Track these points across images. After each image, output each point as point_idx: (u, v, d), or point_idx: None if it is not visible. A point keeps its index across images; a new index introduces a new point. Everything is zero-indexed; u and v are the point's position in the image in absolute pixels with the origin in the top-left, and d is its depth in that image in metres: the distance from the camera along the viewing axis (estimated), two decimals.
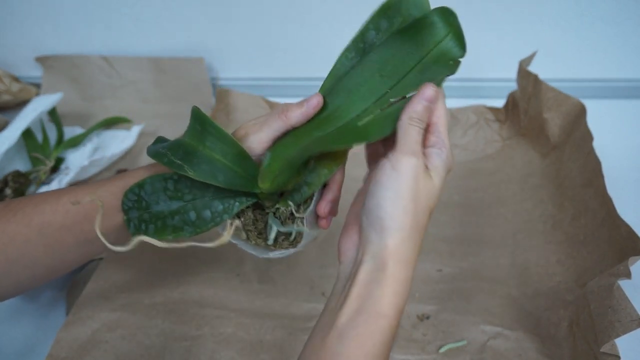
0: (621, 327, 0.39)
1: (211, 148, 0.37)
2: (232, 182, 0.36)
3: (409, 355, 0.47)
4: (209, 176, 0.36)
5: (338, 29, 0.84)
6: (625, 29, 0.80)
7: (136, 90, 0.90)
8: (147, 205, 0.37)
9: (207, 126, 0.38)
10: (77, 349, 0.48)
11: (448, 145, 0.36)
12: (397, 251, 0.32)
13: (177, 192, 0.36)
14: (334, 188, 0.39)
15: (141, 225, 0.37)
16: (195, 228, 0.35)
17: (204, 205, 0.35)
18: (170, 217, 0.36)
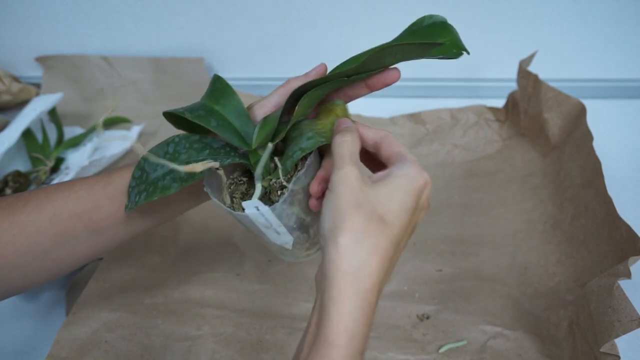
0: (621, 327, 0.39)
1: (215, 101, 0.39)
2: (224, 129, 0.37)
3: (409, 355, 0.47)
4: (203, 119, 0.36)
5: (338, 29, 0.84)
6: (625, 29, 0.80)
7: (136, 90, 0.90)
8: (146, 176, 0.37)
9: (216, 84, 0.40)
10: (77, 349, 0.48)
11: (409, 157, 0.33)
12: (342, 262, 0.29)
13: (175, 153, 0.36)
14: (327, 167, 0.37)
15: (136, 198, 0.36)
16: (181, 182, 0.34)
17: (195, 162, 0.35)
18: (162, 178, 0.36)
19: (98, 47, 0.90)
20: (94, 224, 0.39)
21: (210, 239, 0.62)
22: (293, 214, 0.36)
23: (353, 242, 0.29)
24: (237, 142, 0.37)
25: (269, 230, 0.36)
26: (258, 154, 0.37)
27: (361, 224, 0.30)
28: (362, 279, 0.29)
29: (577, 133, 0.63)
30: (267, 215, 0.34)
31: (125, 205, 0.37)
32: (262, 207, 0.34)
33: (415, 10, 0.81)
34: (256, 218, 0.34)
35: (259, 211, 0.34)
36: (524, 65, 0.70)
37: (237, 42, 0.88)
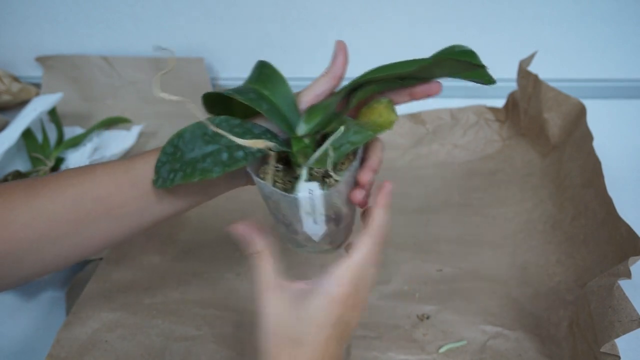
0: (621, 327, 0.39)
1: (263, 86, 0.38)
2: (274, 113, 0.36)
3: (409, 355, 0.47)
4: (254, 102, 0.36)
5: (338, 29, 0.84)
6: (625, 29, 0.80)
7: (136, 90, 0.90)
8: (181, 154, 0.36)
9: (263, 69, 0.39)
10: (77, 349, 0.48)
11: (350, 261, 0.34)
12: None
13: (215, 136, 0.35)
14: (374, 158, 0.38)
15: (169, 176, 0.35)
16: (224, 167, 0.34)
17: (238, 147, 0.34)
18: (202, 160, 0.35)
19: (98, 47, 0.90)
20: (116, 209, 0.39)
21: (210, 239, 0.62)
22: (335, 205, 0.36)
23: None
24: (285, 128, 0.36)
25: (308, 218, 0.36)
26: (303, 142, 0.36)
27: (277, 353, 0.32)
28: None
29: (577, 133, 0.63)
30: (317, 200, 0.34)
31: (153, 181, 0.36)
32: (316, 191, 0.34)
33: (415, 10, 0.81)
34: (304, 203, 0.34)
35: (310, 195, 0.34)
36: (524, 65, 0.70)
37: (237, 42, 0.88)
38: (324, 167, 0.36)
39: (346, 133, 0.35)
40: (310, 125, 0.36)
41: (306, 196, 0.34)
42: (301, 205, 0.34)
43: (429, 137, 0.77)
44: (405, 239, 0.61)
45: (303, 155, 0.36)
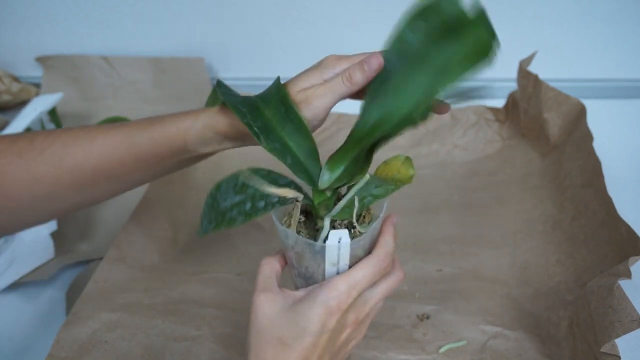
0: (621, 327, 0.39)
1: (288, 135, 0.38)
2: (298, 168, 0.37)
3: (409, 355, 0.47)
4: (278, 153, 0.37)
5: (338, 29, 0.84)
6: (625, 29, 0.80)
7: (136, 90, 0.90)
8: (217, 205, 0.37)
9: (289, 113, 0.39)
10: (77, 349, 0.48)
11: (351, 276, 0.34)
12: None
13: (243, 187, 0.36)
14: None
15: (208, 227, 0.37)
16: (246, 217, 0.35)
17: (260, 197, 0.36)
18: (230, 210, 0.36)
19: (98, 47, 0.90)
20: (117, 176, 0.40)
21: (210, 239, 0.62)
22: (357, 257, 0.36)
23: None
24: (308, 182, 0.37)
25: (332, 268, 0.36)
26: (324, 195, 0.37)
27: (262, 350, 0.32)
28: None
29: (577, 133, 0.63)
30: (343, 249, 0.35)
31: (197, 232, 0.38)
32: (345, 239, 0.34)
33: None
34: (331, 251, 0.35)
35: (338, 244, 0.34)
36: (524, 65, 0.70)
37: (237, 42, 0.88)
38: (346, 218, 0.37)
39: (368, 186, 0.36)
40: (332, 178, 0.37)
41: (334, 244, 0.34)
42: (327, 255, 0.35)
43: (429, 137, 0.77)
44: (405, 239, 0.61)
45: (324, 208, 0.37)
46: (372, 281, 0.35)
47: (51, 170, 0.38)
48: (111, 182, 0.41)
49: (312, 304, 0.33)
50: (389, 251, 0.36)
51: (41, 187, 0.38)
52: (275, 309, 0.33)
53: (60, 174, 0.38)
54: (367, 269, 0.34)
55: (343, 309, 0.33)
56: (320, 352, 0.33)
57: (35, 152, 0.38)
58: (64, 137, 0.39)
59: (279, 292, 0.35)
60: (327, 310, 0.32)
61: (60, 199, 0.39)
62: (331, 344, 0.34)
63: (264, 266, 0.37)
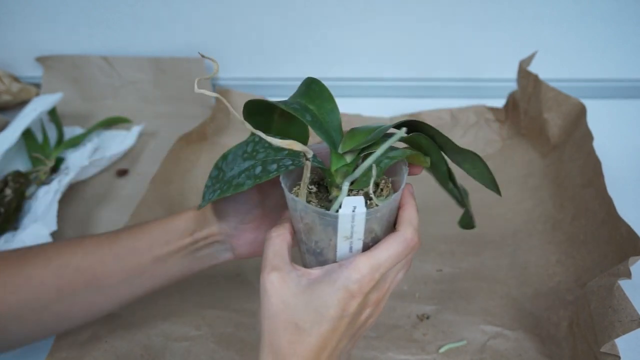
0: (621, 327, 0.39)
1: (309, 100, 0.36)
2: (317, 125, 0.34)
3: (409, 355, 0.47)
4: (298, 112, 0.34)
5: (338, 29, 0.84)
6: (625, 29, 0.80)
7: (136, 90, 0.90)
8: (223, 175, 0.35)
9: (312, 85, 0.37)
10: (77, 349, 0.48)
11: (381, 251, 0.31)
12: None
13: (253, 152, 0.35)
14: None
15: (210, 196, 0.35)
16: (255, 179, 0.33)
17: (272, 161, 0.33)
18: (237, 176, 0.34)
19: (98, 47, 0.90)
20: (96, 280, 0.40)
21: None
22: (374, 231, 0.33)
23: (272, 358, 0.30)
24: (327, 140, 0.34)
25: (344, 243, 0.32)
26: (344, 160, 0.34)
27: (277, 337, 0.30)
28: None
29: (577, 133, 0.63)
30: (358, 220, 0.31)
31: (199, 205, 0.36)
32: (360, 208, 0.30)
33: (415, 11, 0.81)
34: (344, 222, 0.31)
35: (353, 213, 0.31)
36: (524, 65, 0.70)
37: (237, 42, 0.88)
38: (363, 187, 0.34)
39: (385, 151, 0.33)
40: (351, 143, 0.34)
41: (348, 214, 0.30)
42: (340, 226, 0.31)
43: None
44: None
45: (342, 176, 0.34)
46: (396, 262, 0.31)
47: (39, 271, 0.39)
48: (92, 291, 0.40)
49: (331, 287, 0.30)
50: (416, 227, 0.32)
51: (28, 289, 0.38)
52: (290, 290, 0.30)
53: (46, 274, 0.39)
54: (392, 249, 0.31)
55: (365, 292, 0.30)
56: (339, 336, 0.31)
57: (32, 254, 0.40)
58: (59, 242, 0.42)
59: (292, 269, 0.31)
60: (348, 294, 0.30)
61: (42, 306, 0.39)
62: (351, 327, 0.32)
63: (274, 238, 0.32)
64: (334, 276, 0.30)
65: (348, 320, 0.31)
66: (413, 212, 0.33)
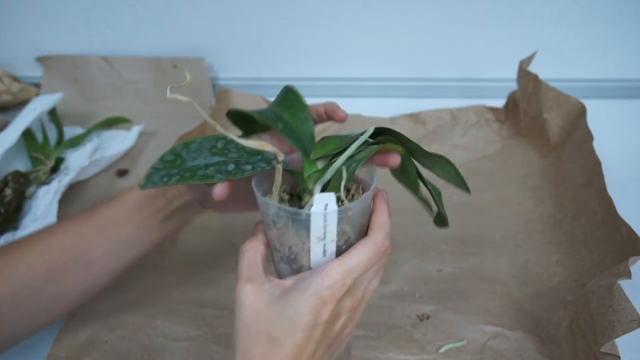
0: (621, 327, 0.39)
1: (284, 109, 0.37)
2: (289, 133, 0.35)
3: (409, 355, 0.47)
4: (270, 121, 0.35)
5: (338, 29, 0.84)
6: (625, 29, 0.80)
7: (136, 90, 0.90)
8: (181, 162, 0.35)
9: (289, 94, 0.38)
10: (77, 349, 0.48)
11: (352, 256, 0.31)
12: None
13: (224, 150, 0.35)
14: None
15: (162, 179, 0.34)
16: (228, 174, 0.33)
17: (246, 162, 0.34)
18: (204, 168, 0.34)
19: (98, 47, 0.90)
20: (83, 256, 0.41)
21: (210, 239, 0.62)
22: (346, 232, 0.33)
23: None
24: (299, 147, 0.35)
25: (318, 246, 0.32)
26: (315, 166, 0.35)
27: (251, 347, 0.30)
28: None
29: (577, 133, 0.63)
30: (330, 218, 0.31)
31: (140, 185, 0.34)
32: (331, 206, 0.31)
33: (415, 10, 0.81)
34: (317, 221, 0.31)
35: (325, 212, 0.31)
36: (524, 65, 0.70)
37: (237, 42, 0.88)
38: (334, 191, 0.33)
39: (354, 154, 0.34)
40: (322, 150, 0.35)
41: (320, 212, 0.31)
42: (313, 226, 0.31)
43: (429, 137, 0.77)
44: (405, 239, 0.61)
45: (314, 182, 0.35)
46: (368, 267, 0.31)
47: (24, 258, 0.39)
48: (81, 266, 0.41)
49: (303, 294, 0.30)
50: (387, 232, 0.33)
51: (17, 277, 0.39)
52: (263, 300, 0.30)
53: (32, 259, 0.39)
54: (363, 253, 0.31)
55: (337, 297, 0.30)
56: (314, 345, 0.31)
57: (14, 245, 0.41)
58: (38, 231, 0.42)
59: (266, 280, 0.32)
60: (320, 301, 0.30)
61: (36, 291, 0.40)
62: (325, 336, 0.32)
63: (248, 251, 0.33)
64: (305, 283, 0.30)
65: (322, 329, 0.31)
66: (385, 217, 0.34)
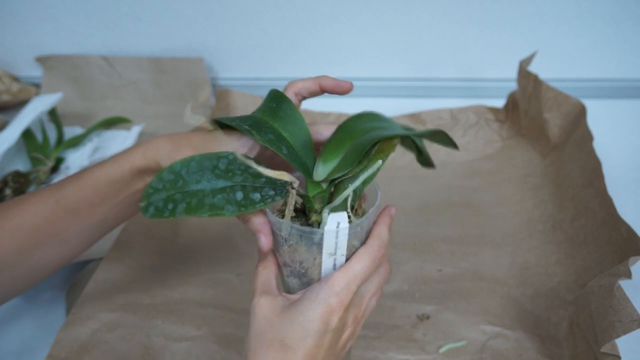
0: (622, 327, 0.39)
1: (282, 125, 0.37)
2: (293, 158, 0.35)
3: (409, 355, 0.47)
4: (274, 145, 0.35)
5: (338, 30, 0.84)
6: (625, 29, 0.80)
7: (136, 90, 0.90)
8: (183, 184, 0.33)
9: (283, 105, 0.38)
10: (77, 349, 0.48)
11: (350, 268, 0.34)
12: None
13: (228, 172, 0.33)
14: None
15: (167, 206, 0.32)
16: (239, 207, 0.32)
17: (254, 189, 0.33)
18: (211, 195, 0.32)
19: (98, 47, 0.90)
20: (56, 235, 0.39)
21: (210, 239, 0.62)
22: (353, 246, 0.35)
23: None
24: (303, 171, 0.36)
25: (329, 259, 0.34)
26: (320, 187, 0.36)
27: (263, 354, 0.31)
28: None
29: (577, 133, 0.63)
30: (342, 235, 0.33)
31: (142, 208, 0.32)
32: (343, 224, 0.32)
33: (415, 11, 0.82)
34: (329, 238, 0.33)
35: (337, 229, 0.32)
36: (524, 65, 0.70)
37: (237, 42, 0.88)
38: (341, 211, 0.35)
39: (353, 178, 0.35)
40: (326, 170, 0.36)
41: (333, 230, 0.32)
42: (326, 242, 0.33)
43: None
44: (405, 239, 0.61)
45: (319, 201, 0.36)
46: (368, 273, 0.34)
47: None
48: (54, 244, 0.39)
49: (312, 302, 0.32)
50: (384, 242, 0.35)
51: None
52: (276, 311, 0.33)
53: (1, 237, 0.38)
54: (363, 260, 0.34)
55: (345, 305, 0.32)
56: (324, 353, 0.32)
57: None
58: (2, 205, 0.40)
59: (279, 294, 0.34)
60: (329, 308, 0.32)
61: (10, 265, 0.38)
62: (334, 344, 0.33)
63: (261, 272, 0.35)
64: (314, 293, 0.32)
65: (331, 337, 0.32)
66: (384, 229, 0.36)
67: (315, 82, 0.40)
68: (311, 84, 0.40)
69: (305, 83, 0.40)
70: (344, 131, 0.38)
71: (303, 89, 0.40)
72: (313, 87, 0.40)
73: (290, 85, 0.41)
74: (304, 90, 0.40)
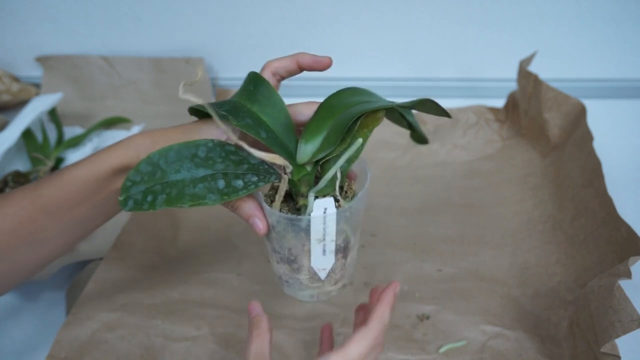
0: (621, 327, 0.39)
1: (260, 109, 0.36)
2: (274, 142, 0.34)
3: (409, 355, 0.47)
4: (252, 130, 0.33)
5: (337, 30, 0.84)
6: (625, 29, 0.80)
7: (136, 90, 0.90)
8: (162, 175, 0.31)
9: (261, 87, 0.37)
10: (77, 349, 0.48)
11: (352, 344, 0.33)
12: None
13: (208, 160, 0.32)
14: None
15: (146, 198, 0.31)
16: (222, 195, 0.31)
17: (235, 176, 0.32)
18: (192, 185, 0.31)
19: (98, 47, 0.90)
20: (34, 237, 0.38)
21: (210, 239, 0.62)
22: (344, 231, 0.34)
23: None
24: (285, 156, 0.34)
25: (317, 247, 0.33)
26: (304, 170, 0.35)
27: None
28: None
29: (577, 133, 0.63)
30: (329, 221, 0.32)
31: (121, 202, 0.31)
32: (330, 208, 0.31)
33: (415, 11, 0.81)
34: (317, 224, 0.32)
35: (324, 215, 0.31)
36: (524, 65, 0.70)
37: (237, 42, 0.88)
38: (329, 193, 0.34)
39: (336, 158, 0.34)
40: (310, 150, 0.35)
41: (319, 215, 0.31)
42: (313, 229, 0.32)
43: (429, 136, 0.77)
44: (405, 239, 0.61)
45: (305, 184, 0.35)
46: (366, 357, 0.33)
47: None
48: (32, 246, 0.38)
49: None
50: (385, 325, 0.34)
51: None
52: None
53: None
54: (362, 345, 0.33)
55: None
56: None
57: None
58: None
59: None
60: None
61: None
62: None
63: (254, 339, 0.35)
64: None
65: None
66: (386, 310, 0.34)
67: (293, 59, 0.39)
68: (288, 62, 0.39)
69: (282, 62, 0.39)
70: (325, 108, 0.37)
71: (280, 68, 0.39)
72: (291, 65, 0.39)
73: (266, 65, 0.39)
74: (281, 69, 0.39)
